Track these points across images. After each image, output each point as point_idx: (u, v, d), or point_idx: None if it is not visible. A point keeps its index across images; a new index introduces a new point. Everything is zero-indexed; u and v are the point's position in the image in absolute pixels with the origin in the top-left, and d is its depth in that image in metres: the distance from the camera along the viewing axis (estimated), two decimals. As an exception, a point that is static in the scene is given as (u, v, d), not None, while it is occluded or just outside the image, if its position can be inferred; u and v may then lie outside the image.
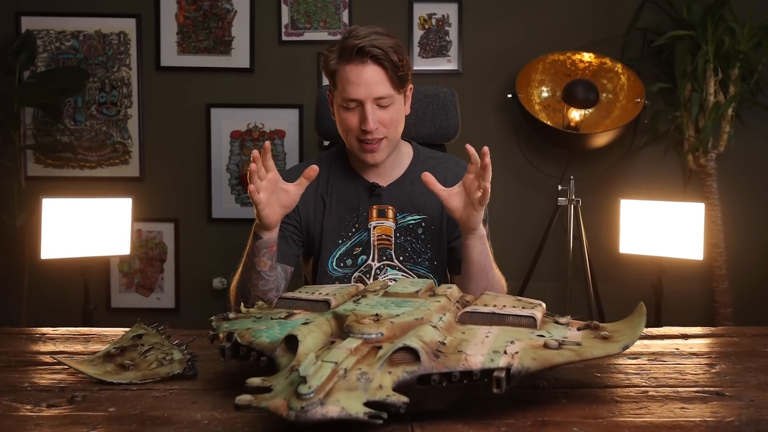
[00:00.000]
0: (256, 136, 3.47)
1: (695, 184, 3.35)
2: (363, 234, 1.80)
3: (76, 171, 3.47)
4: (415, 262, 1.80)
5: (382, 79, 1.68)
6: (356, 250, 1.80)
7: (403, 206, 1.82)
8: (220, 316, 1.15)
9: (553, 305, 1.71)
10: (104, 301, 3.49)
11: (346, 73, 1.69)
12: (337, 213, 1.82)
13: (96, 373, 1.07)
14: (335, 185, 1.85)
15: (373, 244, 1.80)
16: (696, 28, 3.09)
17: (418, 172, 1.84)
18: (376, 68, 1.67)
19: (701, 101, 3.14)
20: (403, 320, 0.95)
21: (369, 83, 1.67)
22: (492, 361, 0.86)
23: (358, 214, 1.81)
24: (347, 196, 1.83)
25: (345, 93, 1.69)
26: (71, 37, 3.43)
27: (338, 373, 0.80)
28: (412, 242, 1.81)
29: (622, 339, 1.00)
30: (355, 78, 1.67)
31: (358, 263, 1.79)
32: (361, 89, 1.67)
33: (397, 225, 1.81)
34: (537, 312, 1.06)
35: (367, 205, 1.82)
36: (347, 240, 1.81)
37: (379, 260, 1.79)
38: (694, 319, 3.36)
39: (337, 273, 1.79)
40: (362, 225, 1.81)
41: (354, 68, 1.67)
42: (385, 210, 1.81)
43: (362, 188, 1.83)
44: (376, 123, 1.69)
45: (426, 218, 1.82)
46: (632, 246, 3.07)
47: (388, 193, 1.83)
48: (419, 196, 1.83)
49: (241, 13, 3.45)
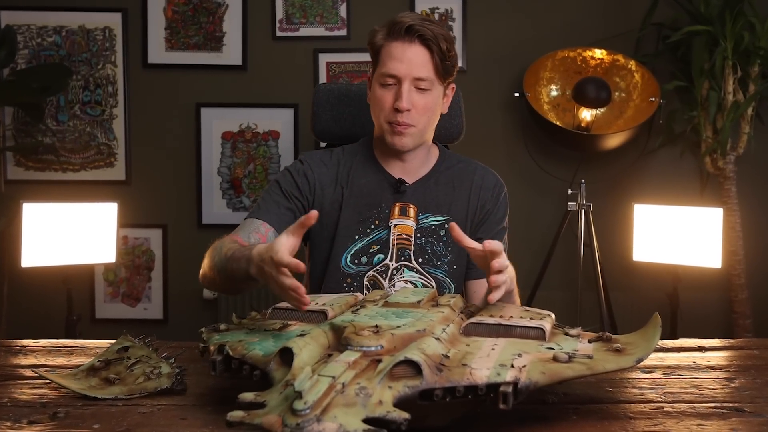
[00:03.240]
0: (248, 137, 3.48)
1: (713, 188, 3.35)
2: (383, 232, 1.80)
3: (59, 174, 3.47)
4: (434, 265, 1.80)
5: (426, 61, 1.71)
6: (373, 248, 1.80)
7: (427, 206, 1.83)
8: (210, 327, 1.15)
9: (563, 316, 1.71)
10: (88, 312, 3.48)
11: (390, 49, 1.71)
12: (356, 206, 1.82)
13: (79, 387, 1.07)
14: (357, 177, 1.85)
15: (392, 244, 1.80)
16: (714, 23, 3.09)
17: (444, 172, 1.88)
18: (422, 49, 1.70)
19: (719, 100, 3.14)
20: (404, 332, 0.95)
21: (412, 62, 1.69)
22: (498, 375, 0.86)
23: (380, 211, 1.81)
24: (369, 189, 1.83)
25: (385, 68, 1.72)
26: (53, 32, 3.44)
27: (336, 387, 0.80)
28: (432, 244, 1.81)
29: (635, 352, 1.00)
30: (399, 54, 1.70)
31: (374, 262, 1.79)
32: (403, 65, 1.69)
33: (419, 225, 1.81)
34: (546, 323, 1.06)
35: (390, 201, 1.82)
36: (365, 236, 1.81)
37: (397, 260, 1.79)
38: (712, 331, 3.35)
39: (351, 270, 1.79)
40: (383, 222, 1.81)
41: (400, 45, 1.70)
42: (406, 208, 1.81)
43: (387, 183, 1.84)
44: (410, 104, 1.70)
45: (449, 220, 1.82)
46: (646, 253, 3.07)
47: (412, 191, 1.83)
48: (444, 196, 1.84)
49: (232, 7, 3.46)
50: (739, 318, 3.26)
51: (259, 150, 3.48)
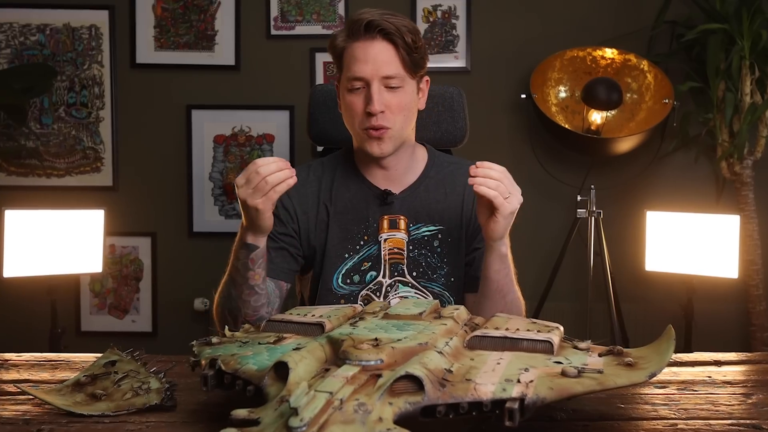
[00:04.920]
0: (242, 140, 3.48)
1: (729, 194, 3.36)
2: (372, 247, 1.79)
3: (43, 180, 3.48)
4: (429, 279, 1.79)
5: (392, 57, 1.68)
6: (365, 265, 1.79)
7: (418, 216, 1.81)
8: (201, 340, 1.15)
9: (572, 329, 1.71)
10: (73, 324, 3.48)
11: (353, 50, 1.69)
12: (342, 223, 1.81)
13: (64, 403, 1.07)
14: (341, 192, 1.83)
15: (383, 259, 1.78)
16: (730, 21, 3.10)
17: (434, 177, 1.85)
18: (386, 44, 1.68)
19: (736, 102, 3.15)
20: (405, 345, 0.95)
21: (377, 60, 1.67)
22: (504, 390, 0.86)
23: (367, 225, 1.80)
24: (354, 204, 1.82)
25: (350, 71, 1.69)
26: (37, 31, 3.45)
27: (333, 404, 0.80)
28: (426, 256, 1.79)
29: (648, 366, 1.00)
30: (363, 54, 1.67)
31: (367, 280, 1.78)
32: (368, 66, 1.67)
33: (410, 237, 1.80)
34: (554, 336, 1.06)
35: (378, 214, 1.80)
36: (354, 254, 1.79)
37: (390, 276, 1.78)
38: (728, 344, 3.35)
39: (344, 290, 1.78)
40: (372, 237, 1.80)
41: (362, 44, 1.68)
42: (396, 220, 1.80)
43: (372, 196, 1.82)
44: (382, 105, 1.67)
45: (443, 229, 1.81)
46: (659, 263, 3.07)
47: (400, 202, 1.81)
48: (435, 204, 1.82)
49: (225, 5, 3.47)
50: (756, 330, 3.26)
51: (252, 154, 3.48)
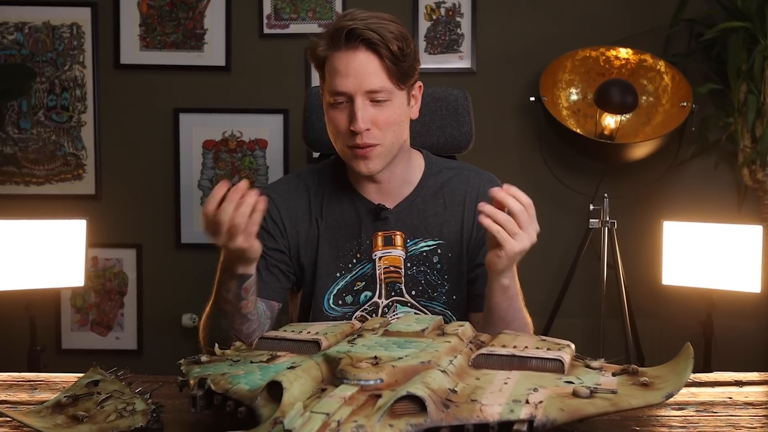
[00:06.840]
0: (233, 146, 3.49)
1: (751, 203, 3.36)
2: (366, 266, 1.76)
3: (21, 188, 3.48)
4: (429, 297, 1.76)
5: (376, 69, 1.62)
6: (358, 285, 1.76)
7: (415, 230, 1.77)
8: (190, 359, 1.15)
9: (584, 346, 1.71)
10: (53, 342, 3.48)
11: (334, 62, 1.63)
12: (333, 240, 1.78)
13: (44, 426, 1.07)
14: (331, 206, 1.80)
15: (379, 278, 1.75)
16: (752, 18, 3.10)
17: (431, 187, 1.81)
18: (370, 55, 1.62)
19: (758, 105, 3.15)
20: (406, 364, 0.96)
21: (359, 73, 1.61)
22: (512, 411, 0.87)
23: (360, 242, 1.77)
24: (346, 219, 1.79)
25: (332, 85, 1.64)
26: (15, 29, 3.46)
27: (330, 426, 0.80)
28: (426, 273, 1.76)
29: (665, 386, 1.00)
30: (344, 67, 1.62)
31: (361, 300, 1.76)
32: (349, 80, 1.61)
33: (408, 253, 1.77)
34: (564, 354, 1.06)
35: (371, 230, 1.77)
36: (347, 273, 1.77)
37: (387, 297, 1.75)
38: (750, 363, 3.32)
39: (335, 312, 1.75)
40: (365, 255, 1.77)
41: (343, 55, 1.62)
42: (392, 237, 1.76)
43: (364, 210, 1.78)
44: (368, 122, 1.62)
45: (443, 244, 1.77)
46: (677, 276, 3.07)
47: (396, 216, 1.78)
48: (433, 216, 1.78)
49: (215, 2, 3.48)
50: (781, 349, 3.26)
51: (244, 161, 3.49)
